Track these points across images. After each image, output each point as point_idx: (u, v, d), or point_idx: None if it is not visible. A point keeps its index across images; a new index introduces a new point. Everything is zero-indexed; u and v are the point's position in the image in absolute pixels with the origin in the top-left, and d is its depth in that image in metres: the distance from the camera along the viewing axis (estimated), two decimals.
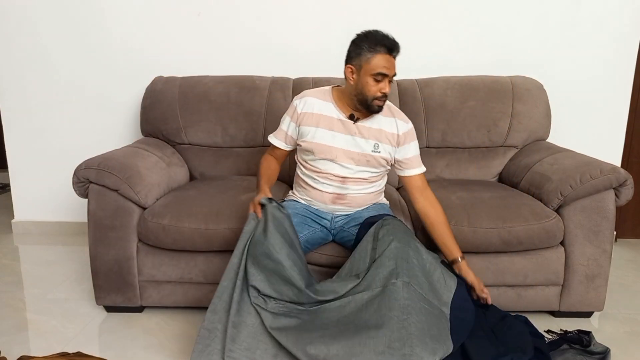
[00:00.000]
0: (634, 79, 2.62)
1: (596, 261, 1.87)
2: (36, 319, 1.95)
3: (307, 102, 1.76)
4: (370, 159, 1.74)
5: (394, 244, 1.54)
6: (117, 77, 2.70)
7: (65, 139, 2.78)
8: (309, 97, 1.77)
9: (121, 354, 1.72)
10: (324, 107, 1.74)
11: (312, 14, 2.58)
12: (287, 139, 1.81)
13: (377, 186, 1.83)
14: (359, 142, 1.73)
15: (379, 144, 1.74)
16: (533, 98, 2.34)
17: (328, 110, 1.74)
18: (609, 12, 2.53)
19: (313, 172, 1.77)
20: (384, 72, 1.60)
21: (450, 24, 2.58)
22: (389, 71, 1.62)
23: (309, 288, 1.53)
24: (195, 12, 2.61)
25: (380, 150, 1.74)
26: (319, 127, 1.73)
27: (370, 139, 1.73)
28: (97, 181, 1.85)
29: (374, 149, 1.73)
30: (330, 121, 1.73)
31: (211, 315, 1.51)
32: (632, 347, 1.80)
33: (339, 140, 1.72)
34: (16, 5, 2.63)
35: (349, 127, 1.73)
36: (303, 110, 1.75)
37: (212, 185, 2.15)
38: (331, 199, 1.77)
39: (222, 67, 2.61)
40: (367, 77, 1.62)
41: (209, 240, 1.83)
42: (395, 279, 1.48)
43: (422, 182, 1.79)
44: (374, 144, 1.73)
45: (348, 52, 1.67)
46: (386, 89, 1.63)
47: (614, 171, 1.81)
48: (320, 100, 1.76)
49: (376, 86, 1.62)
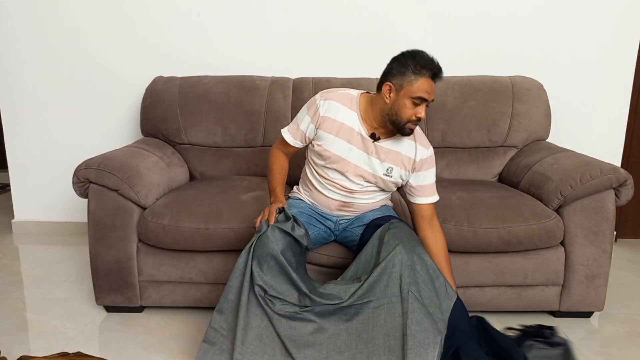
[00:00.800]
0: (634, 79, 2.62)
1: (596, 261, 1.87)
2: (36, 319, 1.95)
3: (332, 105, 1.66)
4: (380, 181, 1.69)
5: (398, 249, 1.52)
6: (117, 77, 2.70)
7: (65, 139, 2.78)
8: (333, 100, 1.66)
9: (121, 354, 1.72)
10: (347, 116, 1.65)
11: (312, 14, 2.58)
12: (302, 137, 1.74)
13: (383, 195, 1.80)
14: (373, 162, 1.66)
15: (393, 167, 1.67)
16: (533, 98, 2.34)
17: (351, 120, 1.65)
18: (609, 12, 2.53)
19: (322, 178, 1.73)
20: (425, 97, 1.54)
21: (451, 24, 2.58)
22: (429, 96, 1.55)
23: (313, 293, 1.53)
24: (195, 12, 2.61)
25: (392, 175, 1.68)
26: (337, 136, 1.65)
27: (385, 161, 1.66)
28: (97, 181, 1.85)
29: (387, 172, 1.67)
30: (350, 133, 1.65)
31: (218, 315, 1.52)
32: (632, 347, 1.80)
33: (354, 156, 1.66)
34: (16, 5, 2.63)
35: (367, 144, 1.65)
36: (326, 114, 1.65)
37: (212, 185, 2.15)
38: (337, 206, 1.75)
39: (222, 67, 2.61)
40: (407, 99, 1.54)
41: (209, 240, 1.83)
42: (399, 289, 1.47)
43: (431, 212, 1.72)
44: (387, 167, 1.67)
45: (389, 68, 1.60)
46: (422, 114, 1.56)
47: (614, 171, 1.81)
48: (345, 108, 1.66)
49: (413, 109, 1.55)
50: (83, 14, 2.63)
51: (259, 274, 1.50)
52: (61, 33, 2.66)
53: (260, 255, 1.51)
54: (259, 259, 1.51)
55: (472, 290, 1.90)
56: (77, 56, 2.68)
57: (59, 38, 2.67)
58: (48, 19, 2.64)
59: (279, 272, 1.51)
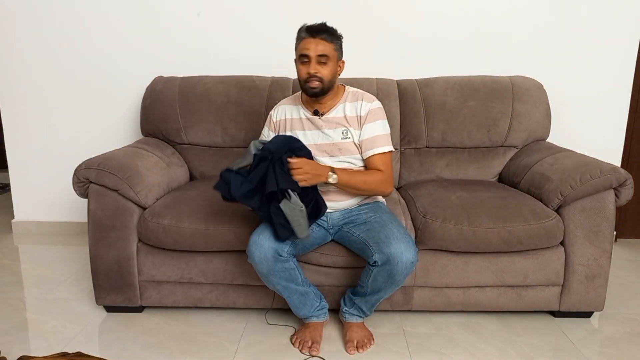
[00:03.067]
0: (634, 79, 2.62)
1: (596, 261, 1.87)
2: (36, 319, 1.95)
3: (279, 110, 1.87)
4: (342, 146, 1.77)
5: None
6: (117, 77, 2.70)
7: (65, 139, 2.78)
8: (281, 105, 1.89)
9: (121, 354, 1.72)
10: (294, 111, 1.85)
11: (312, 14, 2.57)
12: None
13: None
14: (327, 133, 1.78)
15: (348, 130, 1.78)
16: (533, 98, 2.34)
17: (297, 112, 1.84)
18: (609, 12, 2.53)
19: None
20: (306, 53, 1.69)
21: (451, 24, 2.58)
22: (310, 52, 1.68)
23: None
24: (195, 12, 2.61)
25: (349, 136, 1.77)
26: (292, 130, 1.81)
27: (338, 127, 1.78)
28: (97, 181, 1.85)
29: (343, 135, 1.78)
30: (299, 122, 1.82)
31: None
32: (632, 347, 1.80)
33: (310, 137, 1.79)
34: (17, 5, 2.64)
35: (316, 122, 1.80)
36: (278, 118, 1.86)
37: (212, 185, 2.14)
38: None
39: (222, 67, 2.61)
40: (298, 63, 1.74)
41: (209, 240, 1.83)
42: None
43: (380, 164, 1.75)
44: (342, 131, 1.78)
45: None
46: (312, 69, 1.69)
47: (614, 171, 1.81)
48: (290, 106, 1.86)
49: (305, 68, 1.71)
50: (83, 15, 2.63)
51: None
52: (62, 34, 2.66)
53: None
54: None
55: (472, 290, 1.90)
56: (77, 56, 2.69)
57: (59, 39, 2.67)
58: (48, 20, 2.65)
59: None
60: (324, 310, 1.83)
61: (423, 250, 1.85)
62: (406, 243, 1.58)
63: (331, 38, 1.70)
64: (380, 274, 1.61)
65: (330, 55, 1.70)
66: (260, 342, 1.80)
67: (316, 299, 1.80)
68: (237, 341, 1.81)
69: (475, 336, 1.85)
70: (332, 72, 1.72)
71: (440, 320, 1.95)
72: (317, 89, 1.71)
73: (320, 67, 1.70)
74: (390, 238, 1.59)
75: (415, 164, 2.37)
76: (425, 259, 1.85)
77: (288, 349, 1.76)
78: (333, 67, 1.72)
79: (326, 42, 1.69)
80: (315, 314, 1.80)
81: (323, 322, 1.83)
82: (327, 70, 1.70)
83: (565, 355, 1.74)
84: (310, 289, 1.78)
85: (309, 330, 1.79)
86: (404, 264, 1.56)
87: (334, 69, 1.73)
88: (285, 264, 1.64)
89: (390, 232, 1.62)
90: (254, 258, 1.61)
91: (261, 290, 1.91)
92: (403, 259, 1.56)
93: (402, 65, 2.61)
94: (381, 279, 1.62)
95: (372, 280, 1.65)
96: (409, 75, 2.49)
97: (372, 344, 1.78)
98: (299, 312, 1.80)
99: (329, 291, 1.90)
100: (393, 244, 1.57)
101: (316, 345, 1.74)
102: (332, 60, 1.71)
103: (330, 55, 1.70)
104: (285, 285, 1.69)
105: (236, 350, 1.75)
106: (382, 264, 1.59)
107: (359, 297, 1.76)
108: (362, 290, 1.72)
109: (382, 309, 1.91)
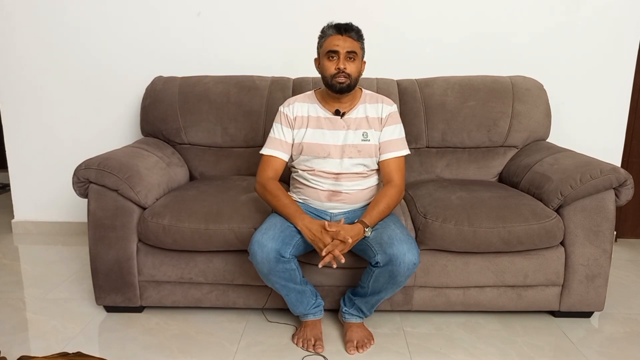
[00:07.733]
0: (634, 79, 2.62)
1: (596, 261, 1.87)
2: (36, 319, 1.95)
3: (295, 106, 1.83)
4: (362, 148, 1.78)
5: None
6: (117, 77, 2.70)
7: (65, 139, 2.78)
8: (295, 102, 1.85)
9: (121, 354, 1.72)
10: (311, 109, 1.83)
11: (312, 14, 2.58)
12: (284, 145, 1.81)
13: (371, 182, 1.84)
14: (348, 135, 1.78)
15: (367, 132, 1.79)
16: (533, 98, 2.34)
17: (314, 110, 1.82)
18: (608, 12, 2.53)
19: (306, 172, 1.80)
20: (334, 49, 1.70)
21: (450, 24, 2.58)
22: (339, 48, 1.70)
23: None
24: (194, 12, 2.61)
25: (369, 139, 1.79)
26: (309, 127, 1.80)
27: (358, 129, 1.79)
28: (97, 181, 1.85)
29: (364, 137, 1.79)
30: (318, 120, 1.80)
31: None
32: (632, 347, 1.80)
33: (329, 137, 1.78)
34: (17, 5, 2.63)
35: (336, 122, 1.80)
36: (295, 115, 1.82)
37: (212, 185, 2.15)
38: (326, 196, 1.79)
39: (222, 67, 2.61)
40: (324, 59, 1.73)
41: (209, 240, 1.83)
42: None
43: (395, 168, 1.78)
44: (362, 132, 1.79)
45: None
46: (341, 65, 1.70)
47: (614, 171, 1.81)
48: (305, 103, 1.84)
49: (332, 63, 1.71)
50: (83, 15, 2.63)
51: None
52: (62, 34, 2.66)
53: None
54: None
55: (472, 290, 1.90)
56: (77, 56, 2.69)
57: (59, 39, 2.67)
58: (48, 19, 2.65)
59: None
60: (320, 307, 1.83)
61: (423, 250, 1.84)
62: (409, 244, 1.59)
63: (358, 37, 1.74)
64: (382, 275, 1.61)
65: (358, 52, 1.73)
66: (260, 342, 1.80)
67: (312, 297, 1.80)
68: (237, 341, 1.81)
69: (475, 336, 1.85)
70: (358, 69, 1.75)
71: (440, 320, 1.95)
72: (345, 84, 1.72)
73: (348, 64, 1.71)
74: (393, 239, 1.60)
75: (415, 164, 2.37)
76: (425, 259, 1.85)
77: (288, 349, 1.75)
78: (359, 65, 1.75)
79: (354, 40, 1.72)
80: (312, 312, 1.81)
81: (320, 319, 1.83)
82: (354, 67, 1.73)
83: (565, 355, 1.74)
84: (307, 287, 1.78)
85: (309, 329, 1.79)
86: (407, 265, 1.56)
87: (359, 67, 1.76)
88: (287, 265, 1.64)
89: (393, 233, 1.63)
90: (256, 258, 1.61)
91: (261, 290, 1.91)
92: (406, 260, 1.56)
93: (402, 65, 2.61)
94: (382, 280, 1.63)
95: (373, 281, 1.65)
96: (409, 75, 2.49)
97: (372, 344, 1.78)
98: (295, 310, 1.80)
99: (329, 291, 1.90)
100: (396, 244, 1.58)
101: (319, 342, 1.75)
102: (358, 58, 1.74)
103: (358, 52, 1.73)
104: (284, 284, 1.68)
105: (236, 350, 1.75)
106: (384, 265, 1.59)
107: (359, 297, 1.76)
108: (363, 290, 1.72)
109: (382, 309, 1.91)
